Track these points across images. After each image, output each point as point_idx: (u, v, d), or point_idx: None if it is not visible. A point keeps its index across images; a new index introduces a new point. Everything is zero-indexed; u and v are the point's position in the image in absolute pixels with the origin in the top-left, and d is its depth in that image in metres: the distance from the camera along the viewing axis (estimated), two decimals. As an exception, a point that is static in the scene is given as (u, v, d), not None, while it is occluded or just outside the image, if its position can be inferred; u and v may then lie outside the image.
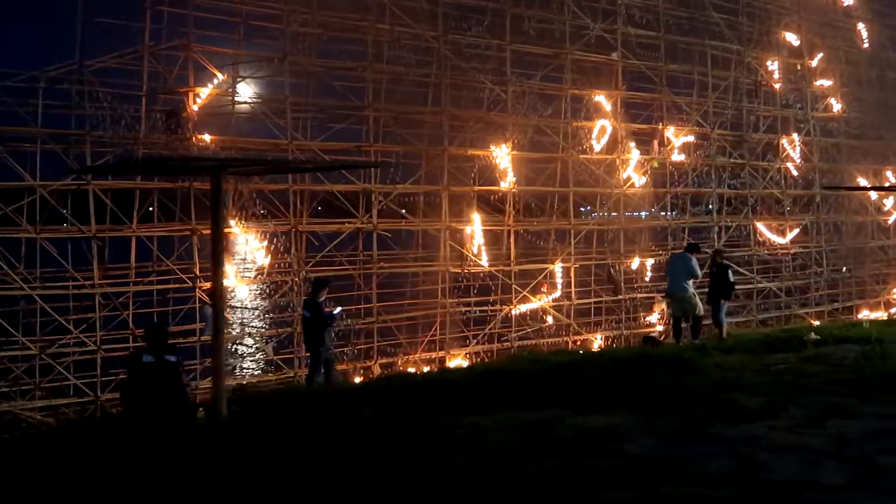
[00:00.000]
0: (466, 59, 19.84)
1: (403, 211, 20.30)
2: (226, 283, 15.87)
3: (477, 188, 20.07)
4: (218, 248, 9.41)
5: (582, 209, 24.49)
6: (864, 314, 28.00)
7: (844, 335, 14.19)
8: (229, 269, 16.14)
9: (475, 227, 19.52)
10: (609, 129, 21.95)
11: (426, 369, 18.22)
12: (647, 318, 22.78)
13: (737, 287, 24.79)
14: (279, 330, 16.95)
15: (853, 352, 12.01)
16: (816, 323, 25.80)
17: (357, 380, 16.74)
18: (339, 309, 14.32)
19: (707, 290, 17.38)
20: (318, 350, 13.85)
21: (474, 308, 20.32)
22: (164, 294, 17.92)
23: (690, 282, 16.41)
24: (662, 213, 24.21)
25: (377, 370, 17.89)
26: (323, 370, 13.95)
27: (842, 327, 17.31)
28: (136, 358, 9.76)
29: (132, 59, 16.67)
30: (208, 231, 15.84)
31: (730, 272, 17.52)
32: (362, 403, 9.14)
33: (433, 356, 18.89)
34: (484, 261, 19.52)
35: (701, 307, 16.61)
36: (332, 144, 18.22)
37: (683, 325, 16.91)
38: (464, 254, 19.35)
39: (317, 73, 18.74)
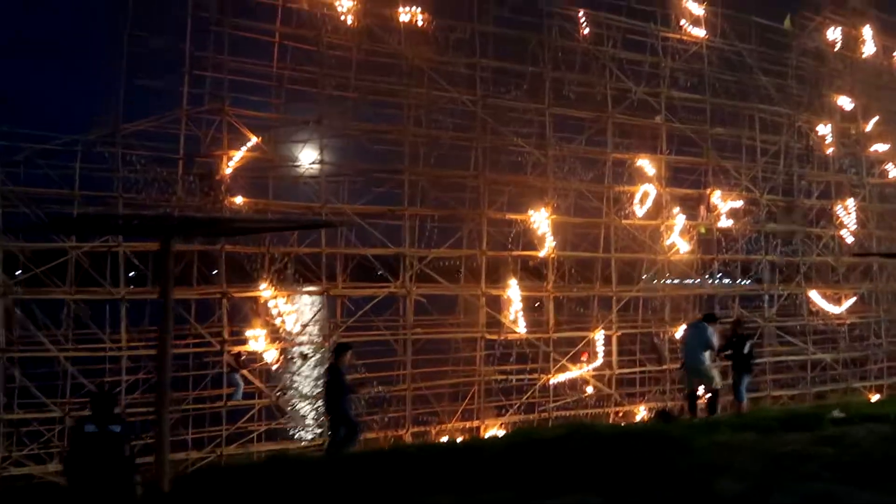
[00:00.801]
0: (505, 122, 19.62)
1: (439, 276, 19.89)
2: (255, 346, 15.86)
3: (515, 253, 19.66)
4: (167, 312, 9.05)
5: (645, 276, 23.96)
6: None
7: (874, 413, 13.39)
8: (259, 332, 15.94)
9: (513, 293, 19.04)
10: (653, 194, 21.46)
11: (460, 439, 17.71)
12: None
13: (790, 358, 24.28)
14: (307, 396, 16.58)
15: (876, 432, 11.27)
16: (876, 397, 24.82)
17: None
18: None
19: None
20: (338, 416, 13.46)
21: (511, 377, 19.73)
22: (201, 357, 17.73)
23: (707, 353, 15.79)
24: (710, 281, 23.48)
25: (409, 439, 17.37)
26: (343, 437, 13.56)
27: (874, 404, 16.35)
28: (78, 427, 8.99)
29: (170, 122, 16.75)
30: (240, 294, 15.94)
31: (748, 344, 16.84)
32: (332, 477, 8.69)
33: (468, 426, 18.30)
34: (521, 327, 19.00)
35: (719, 380, 16.03)
36: (366, 208, 18.04)
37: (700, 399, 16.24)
38: (500, 320, 18.86)
39: (354, 137, 18.66)
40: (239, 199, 15.71)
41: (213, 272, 17.04)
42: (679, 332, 22.14)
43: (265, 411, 16.77)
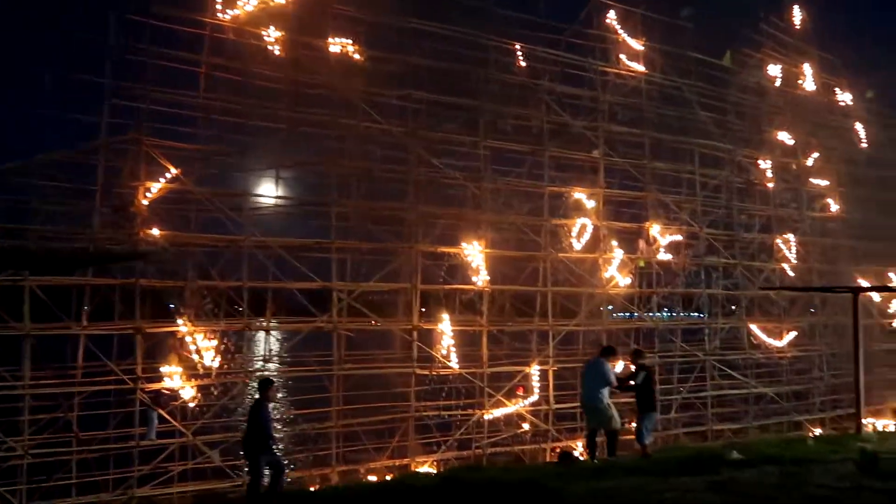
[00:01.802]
0: (440, 154, 19.40)
1: (373, 310, 19.54)
2: (170, 383, 15.38)
3: (448, 287, 19.38)
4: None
5: (607, 309, 23.76)
6: (869, 421, 26.77)
7: (772, 454, 13.15)
8: (175, 369, 15.48)
9: (445, 327, 18.73)
10: (591, 228, 21.32)
11: (388, 477, 17.30)
12: (632, 425, 21.66)
13: (731, 392, 24.16)
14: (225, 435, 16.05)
15: (768, 476, 11.06)
16: (817, 431, 24.73)
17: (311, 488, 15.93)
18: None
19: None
20: (258, 456, 13.03)
21: (444, 413, 19.35)
22: (123, 395, 17.16)
23: (605, 390, 15.14)
24: (650, 315, 23.34)
25: (336, 478, 16.92)
26: (269, 477, 13.14)
27: (774, 445, 16.02)
28: None
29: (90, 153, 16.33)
30: (154, 329, 15.48)
31: (641, 375, 15.76)
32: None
33: (397, 463, 17.87)
34: (454, 362, 18.67)
35: (618, 419, 15.44)
36: (292, 241, 17.66)
37: (599, 439, 15.77)
38: (433, 355, 18.53)
39: (278, 168, 18.39)
40: (155, 232, 15.26)
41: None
42: (618, 366, 22.02)
43: (185, 451, 16.23)
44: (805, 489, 10.21)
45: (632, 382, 15.75)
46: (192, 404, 15.64)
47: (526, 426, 19.92)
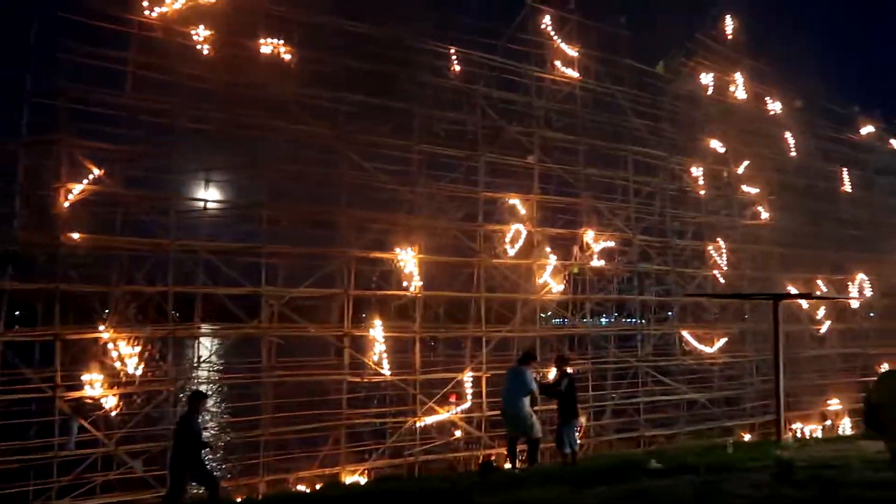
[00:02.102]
0: (372, 158, 19.17)
1: (306, 316, 19.19)
2: (91, 392, 14.89)
3: (380, 293, 19.16)
4: None
5: (542, 315, 23.72)
6: (798, 426, 27.22)
7: (691, 463, 13.07)
8: (96, 377, 14.99)
9: (377, 334, 18.49)
10: (525, 233, 21.28)
11: (318, 486, 17.01)
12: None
13: (664, 398, 24.34)
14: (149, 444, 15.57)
15: (682, 486, 10.98)
16: (747, 437, 25.04)
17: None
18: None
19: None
20: (185, 473, 12.68)
21: (376, 420, 19.10)
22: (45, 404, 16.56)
23: (526, 398, 14.81)
24: (584, 321, 23.42)
25: (263, 488, 16.56)
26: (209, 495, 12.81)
27: (694, 453, 15.97)
28: None
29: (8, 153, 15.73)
30: (74, 336, 14.98)
31: (564, 381, 15.58)
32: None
33: (327, 472, 17.57)
34: (386, 369, 18.44)
35: (538, 427, 15.18)
36: (220, 245, 17.27)
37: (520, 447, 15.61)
38: (364, 362, 18.28)
39: (208, 171, 18.00)
40: (76, 235, 14.76)
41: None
42: (552, 372, 22.02)
43: (108, 461, 15.71)
44: (720, 498, 10.15)
45: (557, 389, 15.63)
46: (114, 413, 15.10)
47: (458, 433, 19.75)
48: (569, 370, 16.37)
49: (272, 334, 17.27)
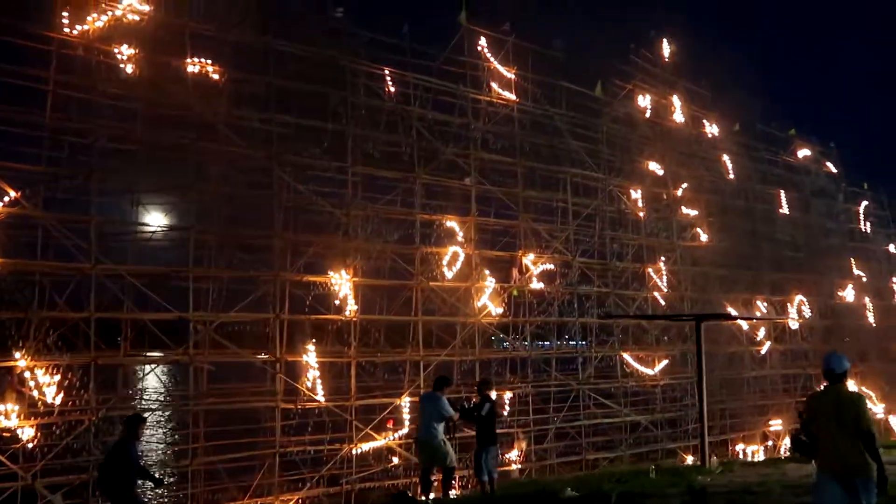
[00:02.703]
0: (305, 180, 18.82)
1: (238, 341, 18.66)
2: (7, 423, 14.24)
3: (314, 317, 18.71)
4: None
5: (493, 339, 23.46)
6: (740, 447, 27.27)
7: (606, 490, 12.83)
8: (13, 407, 14.33)
9: (311, 359, 18.04)
10: (462, 256, 21.03)
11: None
12: (507, 456, 21.38)
13: (606, 420, 24.17)
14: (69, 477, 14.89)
15: None
16: (689, 459, 24.94)
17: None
18: None
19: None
20: (122, 499, 12.10)
21: (310, 447, 18.56)
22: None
23: (440, 425, 14.54)
24: (524, 344, 23.19)
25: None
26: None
27: (611, 480, 15.63)
28: None
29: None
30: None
31: (486, 406, 15.17)
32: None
33: (260, 502, 17.01)
34: (320, 395, 17.99)
35: (453, 456, 14.92)
36: (145, 268, 16.75)
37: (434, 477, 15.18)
38: (297, 388, 17.80)
39: (134, 193, 17.48)
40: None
41: None
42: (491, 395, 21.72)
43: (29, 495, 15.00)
44: None
45: (477, 414, 15.20)
46: (31, 444, 14.44)
47: (396, 460, 19.32)
48: (491, 394, 15.92)
49: (201, 361, 16.70)
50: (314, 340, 18.64)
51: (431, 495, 15.04)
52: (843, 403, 8.00)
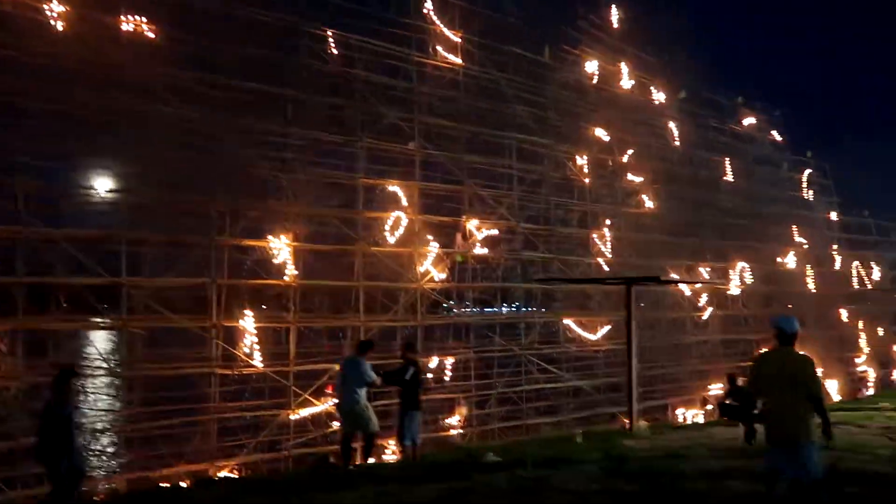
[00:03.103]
0: (245, 143, 18.49)
1: (176, 307, 18.40)
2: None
3: (251, 282, 18.49)
4: None
5: (444, 305, 23.35)
6: (680, 412, 27.69)
7: (532, 456, 12.41)
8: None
9: (248, 324, 17.86)
10: (405, 221, 20.90)
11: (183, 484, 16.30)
12: (447, 421, 21.48)
13: (548, 385, 24.34)
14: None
15: (518, 481, 10.59)
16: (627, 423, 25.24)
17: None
18: None
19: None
20: (58, 461, 11.69)
21: (246, 413, 18.46)
22: None
23: (363, 391, 14.00)
24: (466, 309, 23.22)
25: (124, 486, 15.79)
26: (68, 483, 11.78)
27: (543, 443, 15.64)
28: None
29: None
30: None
31: (410, 370, 14.65)
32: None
33: (194, 469, 16.88)
34: (258, 360, 17.84)
35: (375, 421, 14.33)
36: (75, 232, 16.36)
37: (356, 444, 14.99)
38: (235, 354, 17.64)
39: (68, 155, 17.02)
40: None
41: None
42: (432, 362, 21.77)
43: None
44: (544, 495, 9.74)
45: (401, 378, 14.81)
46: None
47: (336, 425, 19.26)
48: (415, 359, 15.54)
49: (134, 327, 16.45)
50: (263, 307, 18.52)
51: (353, 463, 14.71)
52: (792, 365, 7.98)
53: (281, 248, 18.48)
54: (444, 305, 23.31)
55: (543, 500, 9.47)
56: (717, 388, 28.90)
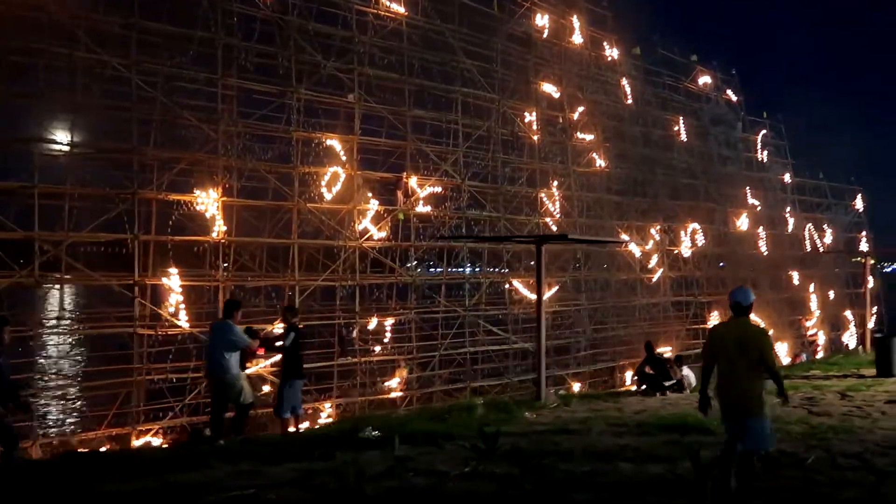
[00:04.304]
0: (170, 92, 17.52)
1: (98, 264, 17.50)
2: None
3: (177, 238, 17.58)
4: None
5: (409, 265, 22.58)
6: (629, 374, 27.28)
7: (416, 430, 11.28)
8: None
9: (174, 283, 17.00)
10: (343, 177, 20.06)
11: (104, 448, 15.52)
12: (387, 384, 20.85)
13: (493, 347, 23.77)
14: None
15: (384, 462, 9.33)
16: (576, 387, 24.81)
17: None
18: None
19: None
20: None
21: (171, 375, 17.64)
22: None
23: (234, 357, 12.34)
24: (408, 269, 22.49)
25: (37, 452, 14.95)
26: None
27: (438, 413, 14.25)
28: None
29: None
30: None
31: (291, 336, 13.39)
32: None
33: (116, 433, 16.11)
34: (183, 321, 17.02)
35: (249, 391, 12.72)
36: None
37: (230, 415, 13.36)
38: (159, 313, 16.80)
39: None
40: None
41: None
42: (371, 323, 21.10)
43: None
44: (403, 478, 8.67)
45: (279, 343, 13.75)
46: None
47: (267, 388, 18.56)
48: (297, 322, 14.07)
49: (49, 283, 15.55)
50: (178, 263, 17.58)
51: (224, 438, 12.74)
52: (748, 337, 8.01)
53: (209, 202, 17.55)
54: (408, 266, 22.61)
55: (400, 484, 8.39)
56: (666, 351, 28.66)
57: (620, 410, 14.19)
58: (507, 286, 24.61)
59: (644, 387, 18.28)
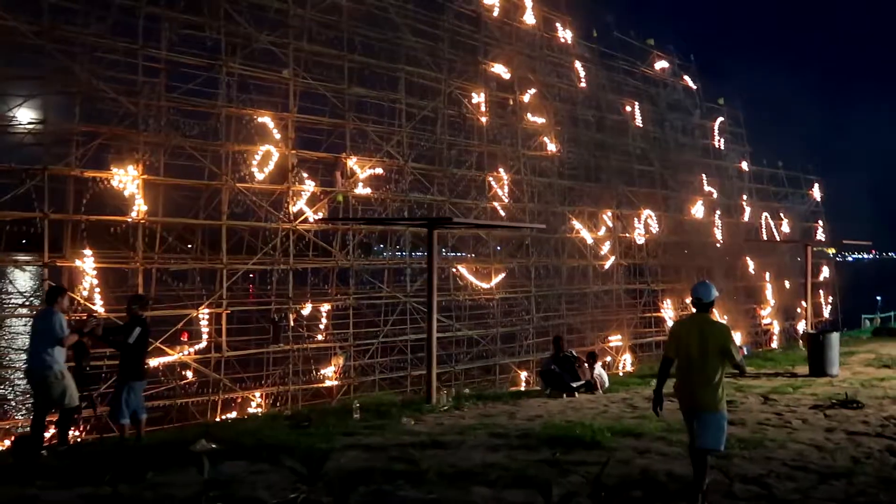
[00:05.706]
0: (86, 61, 16.47)
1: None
2: None
3: (92, 217, 16.52)
4: None
5: (376, 248, 21.66)
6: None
7: (252, 443, 10.03)
8: None
9: (88, 265, 16.00)
10: (276, 156, 19.11)
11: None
12: (322, 372, 20.00)
13: (437, 335, 22.90)
14: None
15: (192, 487, 7.60)
16: (523, 375, 24.12)
17: None
18: None
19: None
20: None
21: (85, 363, 16.61)
22: None
23: (56, 351, 10.59)
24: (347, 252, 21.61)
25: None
26: None
27: (303, 417, 12.74)
28: None
29: None
30: None
31: (136, 332, 11.34)
32: None
33: (21, 424, 15.15)
34: (98, 305, 16.02)
35: (74, 393, 10.83)
36: None
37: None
38: (72, 297, 15.77)
39: None
40: None
41: None
42: (306, 309, 20.21)
43: None
44: None
45: (124, 338, 11.55)
46: None
47: (190, 375, 17.67)
48: (144, 315, 12.05)
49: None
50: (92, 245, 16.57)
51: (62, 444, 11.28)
52: (709, 334, 7.92)
53: (127, 180, 16.54)
54: (375, 249, 21.77)
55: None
56: (616, 340, 28.10)
57: (512, 416, 12.69)
58: (452, 271, 23.77)
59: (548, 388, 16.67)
